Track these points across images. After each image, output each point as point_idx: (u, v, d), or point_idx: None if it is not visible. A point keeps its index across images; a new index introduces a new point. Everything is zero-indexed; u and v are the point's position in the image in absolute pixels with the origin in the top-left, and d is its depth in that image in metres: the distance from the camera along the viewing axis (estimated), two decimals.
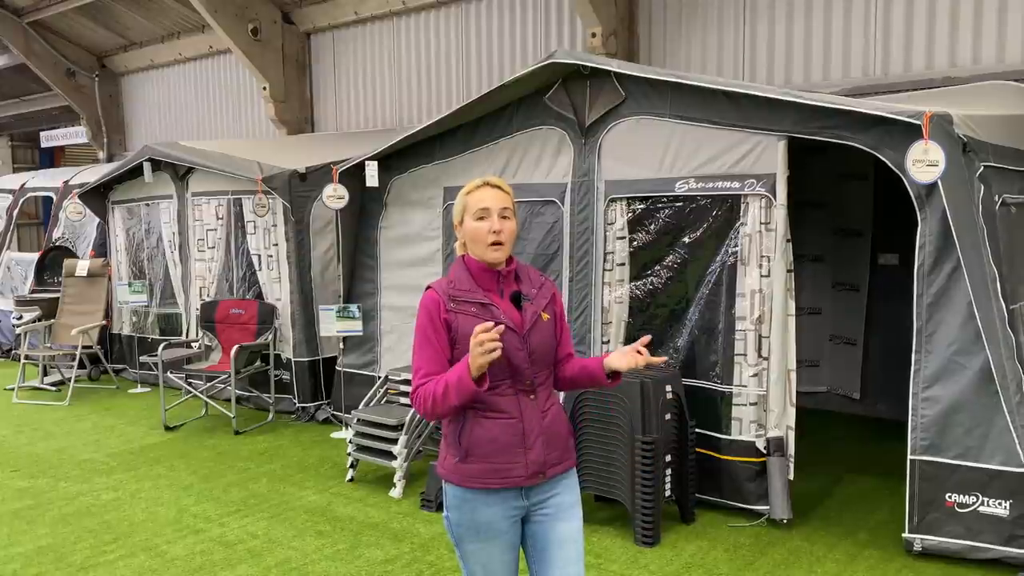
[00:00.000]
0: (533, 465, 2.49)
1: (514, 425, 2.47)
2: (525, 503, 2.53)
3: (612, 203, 5.39)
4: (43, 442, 6.89)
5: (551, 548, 2.54)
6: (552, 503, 2.55)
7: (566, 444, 2.59)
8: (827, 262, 7.19)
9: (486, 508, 2.50)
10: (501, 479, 2.47)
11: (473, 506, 2.51)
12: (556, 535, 2.54)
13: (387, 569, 4.35)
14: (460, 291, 2.50)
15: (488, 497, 2.49)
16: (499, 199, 2.51)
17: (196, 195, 8.22)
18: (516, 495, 2.51)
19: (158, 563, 4.48)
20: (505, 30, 8.97)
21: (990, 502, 4.09)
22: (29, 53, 13.30)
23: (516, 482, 2.48)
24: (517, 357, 2.46)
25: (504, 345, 2.33)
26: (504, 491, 2.49)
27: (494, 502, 2.50)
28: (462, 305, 2.48)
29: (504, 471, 2.47)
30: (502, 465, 2.47)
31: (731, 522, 4.84)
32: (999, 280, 4.13)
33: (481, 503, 2.50)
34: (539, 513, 2.55)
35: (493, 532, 2.52)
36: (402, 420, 5.44)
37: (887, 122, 4.30)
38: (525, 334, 2.48)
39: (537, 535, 2.56)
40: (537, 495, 2.54)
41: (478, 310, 2.47)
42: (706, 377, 5.04)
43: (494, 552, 2.54)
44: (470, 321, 2.43)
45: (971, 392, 4.13)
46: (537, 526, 2.56)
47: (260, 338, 7.39)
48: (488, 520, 2.51)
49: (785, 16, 7.18)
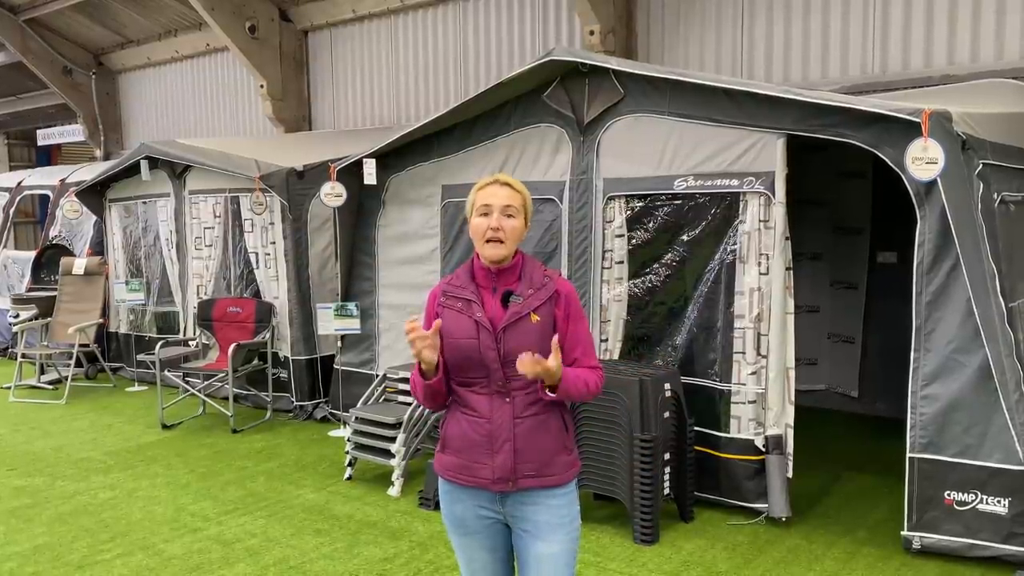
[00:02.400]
0: (499, 470, 2.44)
1: (482, 425, 2.46)
2: (500, 509, 2.51)
3: (611, 201, 5.39)
4: (40, 441, 6.87)
5: (529, 566, 2.51)
6: (532, 520, 2.48)
7: (548, 459, 2.46)
8: (826, 260, 7.19)
9: (459, 502, 2.53)
10: (469, 476, 2.49)
11: (450, 498, 2.56)
12: (533, 554, 2.48)
13: (385, 567, 4.34)
14: (453, 287, 2.54)
15: (461, 492, 2.52)
16: (505, 197, 2.48)
17: (193, 193, 8.20)
18: (489, 498, 2.50)
19: (155, 562, 4.46)
20: (503, 28, 8.96)
21: (989, 500, 4.09)
22: (26, 51, 13.26)
23: (482, 484, 2.47)
24: (488, 356, 2.43)
25: (478, 343, 2.42)
26: (474, 489, 2.50)
27: (465, 498, 2.52)
28: (450, 300, 2.52)
29: (471, 469, 2.48)
30: (470, 463, 2.48)
31: (730, 520, 4.84)
32: (998, 278, 4.13)
33: (456, 496, 2.54)
34: (519, 527, 2.51)
35: (467, 528, 2.54)
36: (400, 418, 5.43)
37: (886, 120, 4.29)
38: (499, 333, 2.43)
39: (518, 549, 2.55)
40: (513, 506, 2.49)
41: (462, 306, 2.49)
42: (705, 375, 5.04)
43: (472, 550, 2.57)
44: (452, 316, 2.48)
45: (970, 390, 4.12)
46: (518, 540, 2.54)
47: (258, 336, 7.37)
48: (461, 515, 2.54)
49: (784, 14, 7.17)
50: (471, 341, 2.44)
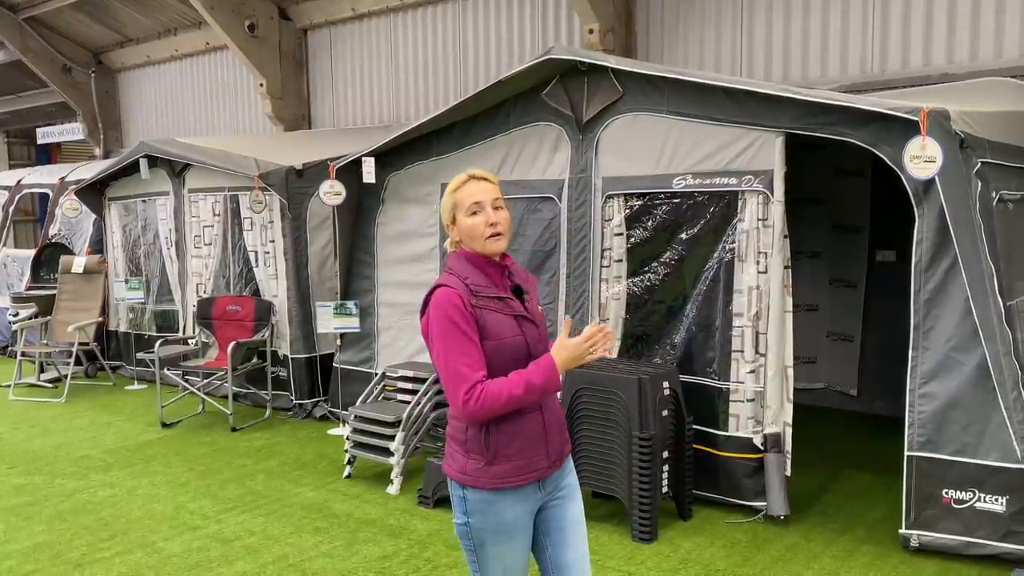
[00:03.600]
0: (554, 453, 2.55)
1: (536, 417, 2.51)
2: (541, 494, 2.57)
3: (609, 199, 5.39)
4: (40, 439, 6.88)
5: (567, 528, 2.61)
6: (563, 486, 2.62)
7: (566, 426, 2.68)
8: (825, 258, 7.19)
9: (511, 507, 2.51)
10: (528, 474, 2.50)
11: (499, 507, 2.50)
12: (571, 515, 2.62)
13: (384, 565, 4.34)
14: (479, 286, 2.47)
15: (514, 495, 2.50)
16: (488, 191, 2.50)
17: (193, 191, 8.20)
18: (535, 488, 2.54)
19: (155, 560, 4.47)
20: (503, 26, 8.95)
21: (987, 498, 4.10)
22: (25, 49, 13.26)
23: (540, 474, 2.52)
24: (537, 349, 2.50)
25: (524, 338, 2.48)
26: (527, 487, 2.52)
27: (518, 499, 2.51)
28: (483, 300, 2.46)
29: (531, 465, 2.50)
30: (529, 460, 2.49)
31: (728, 518, 4.84)
32: (996, 276, 4.13)
33: (508, 503, 2.50)
34: (553, 499, 2.60)
35: (517, 529, 2.53)
36: (399, 417, 5.44)
37: (885, 118, 4.29)
38: (541, 325, 2.56)
39: (552, 519, 2.60)
40: (551, 482, 2.59)
41: (498, 305, 2.47)
42: (703, 373, 5.04)
43: (516, 550, 2.55)
44: (494, 316, 2.45)
45: (968, 388, 4.13)
46: (553, 510, 2.61)
47: (257, 335, 7.38)
48: (513, 519, 2.52)
49: (783, 13, 7.17)
50: (517, 338, 2.47)
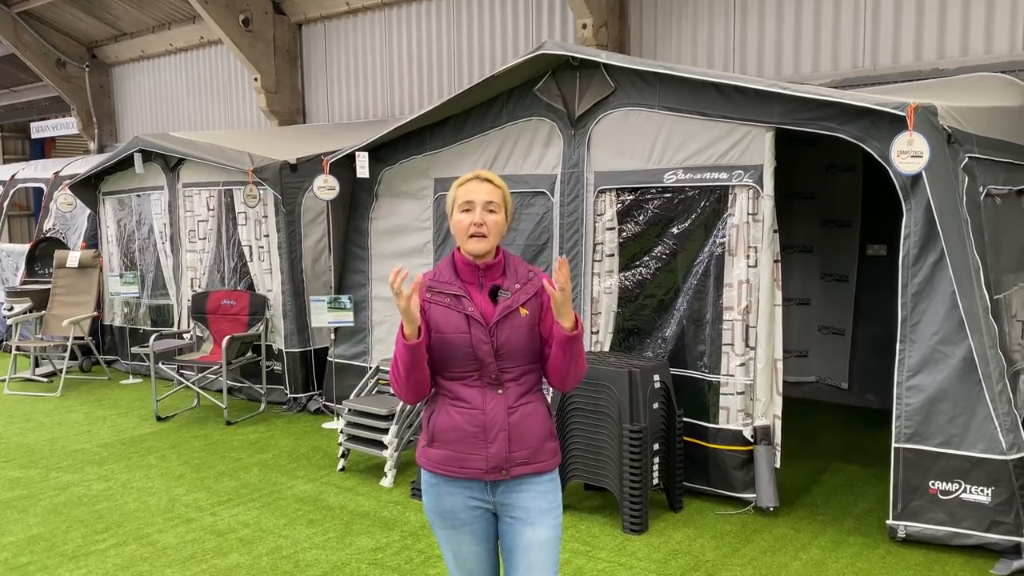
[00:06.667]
0: (493, 459, 2.50)
1: (476, 416, 2.50)
2: (491, 498, 2.56)
3: (601, 194, 5.42)
4: (34, 433, 6.90)
5: (516, 552, 2.55)
6: (521, 507, 2.54)
7: (538, 446, 2.54)
8: (816, 253, 7.24)
9: (449, 495, 2.55)
10: (461, 468, 2.51)
11: (438, 491, 2.56)
12: (522, 540, 2.54)
13: (377, 557, 4.38)
14: (438, 282, 2.55)
15: (451, 485, 2.54)
16: (486, 192, 2.52)
17: (187, 186, 8.21)
18: (481, 488, 2.54)
19: (149, 552, 4.50)
20: (496, 21, 8.97)
21: (972, 489, 4.15)
22: (19, 43, 13.23)
23: (476, 474, 2.51)
24: (481, 350, 2.48)
25: (470, 337, 2.45)
26: (466, 481, 2.53)
27: (456, 490, 2.54)
28: (437, 295, 2.53)
29: (464, 460, 2.51)
30: (463, 454, 2.51)
31: (718, 510, 4.89)
32: (983, 270, 4.17)
33: (445, 490, 2.55)
34: (507, 515, 2.57)
35: (457, 520, 2.56)
36: (393, 410, 5.47)
37: (873, 113, 4.33)
38: (492, 327, 2.49)
39: (505, 536, 2.59)
40: (504, 494, 2.54)
41: (451, 301, 2.51)
42: (694, 366, 5.08)
43: (462, 541, 2.59)
44: (441, 311, 2.50)
45: (954, 381, 4.17)
46: (506, 527, 2.58)
47: (251, 329, 7.40)
48: (451, 508, 2.56)
49: (775, 9, 7.20)
50: (462, 336, 2.48)
